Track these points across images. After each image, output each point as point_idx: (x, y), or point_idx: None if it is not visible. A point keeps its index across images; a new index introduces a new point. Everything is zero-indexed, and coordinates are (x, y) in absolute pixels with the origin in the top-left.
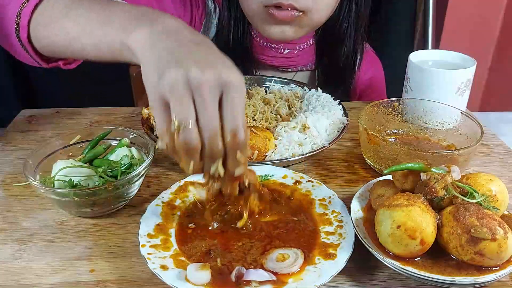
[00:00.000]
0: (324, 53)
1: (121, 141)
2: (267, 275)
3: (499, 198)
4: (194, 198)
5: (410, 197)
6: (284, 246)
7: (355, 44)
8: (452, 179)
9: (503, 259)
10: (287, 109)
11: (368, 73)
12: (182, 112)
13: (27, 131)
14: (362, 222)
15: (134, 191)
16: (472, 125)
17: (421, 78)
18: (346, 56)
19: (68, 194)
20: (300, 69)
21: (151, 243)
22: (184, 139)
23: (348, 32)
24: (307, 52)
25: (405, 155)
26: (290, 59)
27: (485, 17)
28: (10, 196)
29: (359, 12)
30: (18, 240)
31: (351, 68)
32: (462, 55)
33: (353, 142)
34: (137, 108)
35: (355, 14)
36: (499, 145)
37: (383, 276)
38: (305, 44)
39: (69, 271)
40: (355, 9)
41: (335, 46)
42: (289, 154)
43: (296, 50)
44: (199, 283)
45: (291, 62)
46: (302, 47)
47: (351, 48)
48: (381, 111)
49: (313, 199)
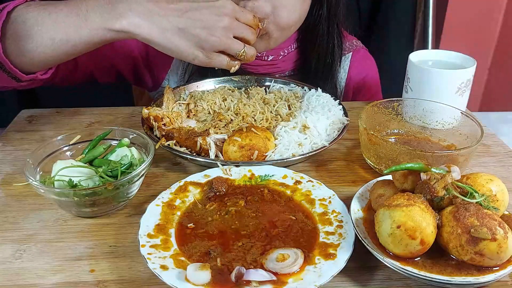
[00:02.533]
0: (304, 54)
1: (121, 141)
2: (267, 275)
3: (499, 198)
4: (194, 198)
5: (410, 197)
6: (284, 246)
7: (329, 40)
8: (452, 179)
9: (503, 259)
10: (287, 109)
11: (361, 72)
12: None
13: (27, 131)
14: (362, 222)
15: (134, 191)
16: (472, 125)
17: (421, 78)
18: (321, 52)
19: (68, 194)
20: (288, 74)
21: (151, 243)
22: (251, 54)
23: (321, 28)
24: (292, 56)
25: (405, 155)
26: (275, 66)
27: (485, 17)
28: (10, 196)
29: (330, 7)
30: (18, 240)
31: (329, 66)
32: (462, 55)
33: (353, 142)
34: (137, 108)
35: (327, 9)
36: (499, 145)
37: (383, 276)
38: (289, 48)
39: (69, 271)
40: (326, 4)
41: (310, 43)
42: (289, 154)
43: (280, 55)
44: (199, 283)
45: (276, 68)
46: (286, 52)
47: (326, 44)
48: (381, 111)
49: (313, 199)
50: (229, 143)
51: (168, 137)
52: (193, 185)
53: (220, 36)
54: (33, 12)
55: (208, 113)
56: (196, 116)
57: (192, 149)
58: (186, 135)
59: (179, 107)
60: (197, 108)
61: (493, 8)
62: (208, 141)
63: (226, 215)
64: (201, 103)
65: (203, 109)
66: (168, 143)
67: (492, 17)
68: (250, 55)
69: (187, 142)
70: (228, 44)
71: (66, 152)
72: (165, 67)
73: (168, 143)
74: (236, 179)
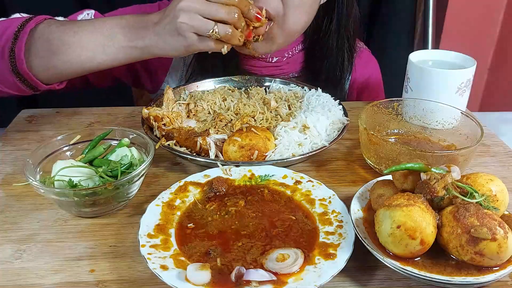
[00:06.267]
0: (311, 61)
1: (121, 141)
2: (267, 275)
3: (499, 198)
4: (194, 198)
5: (410, 197)
6: (284, 246)
7: (339, 54)
8: (452, 179)
9: (503, 259)
10: (287, 109)
11: (364, 74)
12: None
13: (27, 131)
14: (362, 222)
15: (134, 191)
16: (472, 125)
17: (421, 78)
18: (330, 66)
19: (68, 194)
20: (292, 76)
21: (151, 243)
22: (224, 32)
23: (331, 42)
24: (297, 59)
25: (405, 155)
26: (279, 67)
27: (485, 17)
28: (10, 196)
29: (341, 21)
30: (18, 240)
31: (338, 78)
32: (462, 55)
33: (353, 142)
34: (137, 108)
35: (337, 24)
36: (499, 145)
37: (383, 276)
38: (294, 50)
39: (69, 271)
40: (336, 19)
41: (320, 55)
42: (289, 154)
43: (284, 57)
44: (199, 283)
45: (280, 70)
46: (291, 54)
47: (335, 58)
48: (381, 111)
49: (313, 199)
50: (229, 143)
51: (168, 137)
52: (193, 185)
53: (182, 19)
54: (57, 32)
55: (208, 113)
56: (196, 116)
57: (192, 149)
58: (186, 135)
59: (179, 107)
60: (197, 108)
61: (493, 8)
62: (208, 141)
63: (226, 215)
64: (201, 103)
65: (203, 109)
66: (168, 143)
67: (492, 17)
68: (223, 33)
69: (187, 142)
70: (193, 25)
71: (66, 152)
72: (164, 69)
73: (168, 143)
74: (236, 179)
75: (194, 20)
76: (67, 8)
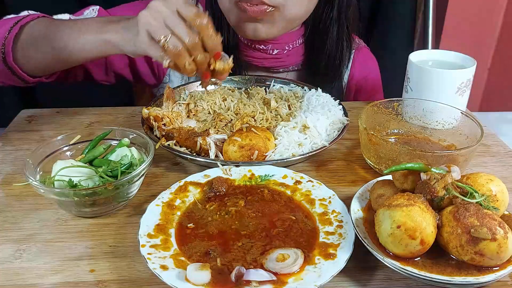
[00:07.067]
0: (311, 51)
1: (121, 141)
2: (267, 275)
3: (499, 198)
4: (194, 198)
5: (410, 197)
6: (284, 246)
7: (338, 42)
8: (452, 179)
9: (503, 259)
10: (287, 109)
11: (363, 71)
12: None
13: (27, 131)
14: (362, 222)
15: (134, 191)
16: (472, 125)
17: (421, 78)
18: (330, 54)
19: (68, 194)
20: (292, 69)
21: (151, 243)
22: (173, 45)
23: (331, 30)
24: (297, 51)
25: (405, 155)
26: (280, 60)
27: (485, 17)
28: (10, 196)
29: (341, 9)
30: (18, 240)
31: (337, 67)
32: (462, 55)
33: (353, 142)
34: (137, 108)
35: (337, 12)
36: (499, 145)
37: (383, 276)
38: (295, 43)
39: (69, 271)
40: (337, 7)
41: (320, 44)
42: (289, 154)
43: (285, 50)
44: (199, 283)
45: (281, 62)
46: (291, 47)
47: (335, 46)
48: (381, 111)
49: (313, 199)
50: (229, 143)
51: (168, 137)
52: (193, 185)
53: (146, 14)
54: (43, 27)
55: (208, 113)
56: (196, 116)
57: (192, 149)
58: (186, 135)
59: (179, 107)
60: (197, 108)
61: (493, 8)
62: (208, 141)
63: (226, 215)
64: (201, 103)
65: (203, 109)
66: (168, 143)
67: (492, 17)
68: (171, 46)
69: (187, 142)
70: (150, 23)
71: (66, 152)
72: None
73: (168, 143)
74: (236, 179)
75: (155, 20)
76: (68, 8)
